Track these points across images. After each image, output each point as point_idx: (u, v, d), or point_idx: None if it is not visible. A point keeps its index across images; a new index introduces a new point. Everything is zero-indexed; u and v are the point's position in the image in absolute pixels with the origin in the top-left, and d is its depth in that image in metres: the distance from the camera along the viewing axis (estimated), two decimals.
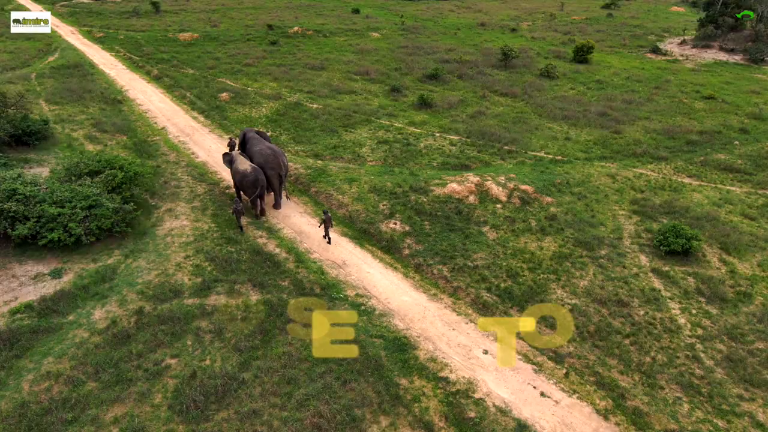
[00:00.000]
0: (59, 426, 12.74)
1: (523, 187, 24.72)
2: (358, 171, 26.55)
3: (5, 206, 18.35)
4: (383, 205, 23.27)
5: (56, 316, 16.30)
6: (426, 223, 22.21)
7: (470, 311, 17.75)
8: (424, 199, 23.52)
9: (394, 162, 28.10)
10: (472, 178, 24.90)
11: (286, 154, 24.37)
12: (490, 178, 25.17)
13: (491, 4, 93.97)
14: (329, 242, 21.07)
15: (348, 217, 22.99)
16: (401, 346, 15.99)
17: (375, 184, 24.89)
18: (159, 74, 42.20)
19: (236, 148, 26.55)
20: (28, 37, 51.23)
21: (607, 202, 24.73)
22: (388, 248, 21.03)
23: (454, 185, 24.31)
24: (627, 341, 16.50)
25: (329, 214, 20.92)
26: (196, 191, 24.27)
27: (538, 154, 29.95)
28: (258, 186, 21.82)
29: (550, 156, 29.73)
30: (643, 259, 20.59)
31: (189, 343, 15.54)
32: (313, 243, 21.04)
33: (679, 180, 27.37)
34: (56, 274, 18.11)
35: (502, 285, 18.76)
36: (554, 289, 18.68)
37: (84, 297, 17.14)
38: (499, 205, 23.59)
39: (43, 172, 23.97)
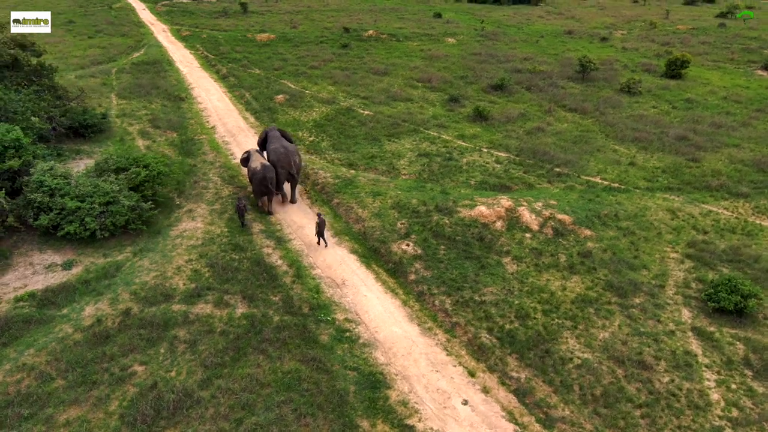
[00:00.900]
0: (14, 421, 12.99)
1: (560, 216, 22.35)
2: (387, 184, 25.48)
3: (31, 197, 19.44)
4: (401, 224, 22.05)
5: (53, 308, 16.90)
6: (442, 247, 20.71)
7: (463, 353, 16.12)
8: (447, 221, 21.97)
9: (429, 177, 26.73)
10: (505, 201, 22.92)
11: (299, 154, 24.18)
12: (525, 203, 23.04)
13: (587, 11, 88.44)
14: (326, 245, 20.91)
15: (362, 234, 22.03)
16: (374, 383, 14.79)
17: (400, 199, 23.70)
18: (227, 73, 43.77)
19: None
20: (123, 33, 55.60)
21: (658, 241, 21.70)
22: (394, 271, 19.83)
23: (482, 208, 22.50)
24: (638, 412, 14.09)
25: (323, 217, 20.59)
26: (220, 193, 24.49)
27: (592, 179, 27.14)
28: (265, 184, 22.11)
29: (606, 182, 26.80)
30: (686, 314, 17.70)
31: (162, 351, 15.40)
32: (318, 258, 20.34)
33: (758, 222, 23.47)
34: (67, 266, 18.88)
35: (507, 326, 16.89)
36: (566, 338, 16.50)
37: (83, 291, 17.66)
38: (528, 235, 21.48)
39: (89, 164, 25.35)
